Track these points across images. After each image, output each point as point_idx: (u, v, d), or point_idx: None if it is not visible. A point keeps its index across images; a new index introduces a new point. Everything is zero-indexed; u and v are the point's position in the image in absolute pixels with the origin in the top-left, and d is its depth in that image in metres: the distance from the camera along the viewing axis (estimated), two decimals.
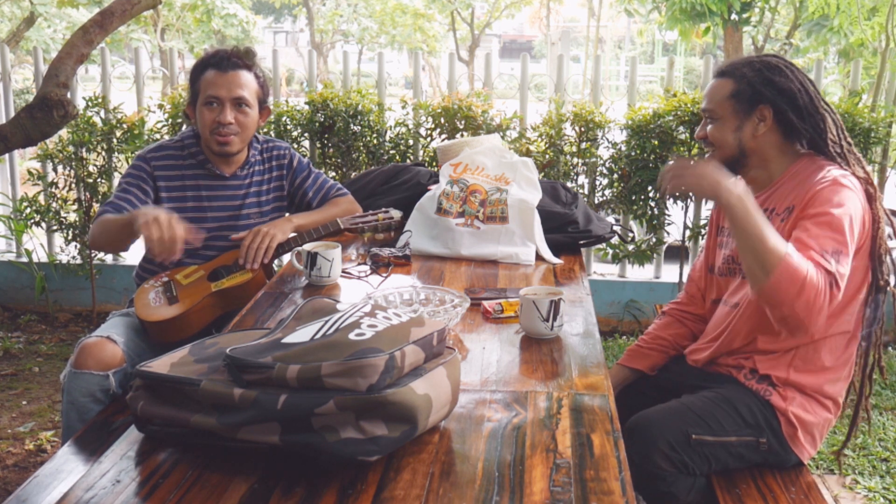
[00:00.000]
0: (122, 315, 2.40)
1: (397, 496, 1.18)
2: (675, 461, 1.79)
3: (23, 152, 6.51)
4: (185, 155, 2.45)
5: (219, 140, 2.36)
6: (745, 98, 1.93)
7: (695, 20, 9.94)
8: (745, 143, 1.95)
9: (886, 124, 3.78)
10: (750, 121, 1.94)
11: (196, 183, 2.44)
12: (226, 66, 2.36)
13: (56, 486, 1.72)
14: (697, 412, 1.85)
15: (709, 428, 1.83)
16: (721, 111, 1.96)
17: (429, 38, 16.47)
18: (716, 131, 1.98)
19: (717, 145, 1.98)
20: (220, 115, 2.34)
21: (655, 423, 1.82)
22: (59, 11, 11.26)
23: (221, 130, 2.35)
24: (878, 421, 3.17)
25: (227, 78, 2.34)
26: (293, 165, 2.57)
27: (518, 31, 33.38)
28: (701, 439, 1.81)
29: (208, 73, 2.36)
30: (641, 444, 1.79)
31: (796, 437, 1.88)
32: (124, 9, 3.00)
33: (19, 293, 4.42)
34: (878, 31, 5.88)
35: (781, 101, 1.90)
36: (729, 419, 1.85)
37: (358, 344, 1.25)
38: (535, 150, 3.88)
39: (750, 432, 1.85)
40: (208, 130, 2.36)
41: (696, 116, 3.72)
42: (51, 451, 2.91)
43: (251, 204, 2.50)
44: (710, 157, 1.99)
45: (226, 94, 2.34)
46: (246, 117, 2.38)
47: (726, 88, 1.96)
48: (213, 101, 2.35)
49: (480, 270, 2.32)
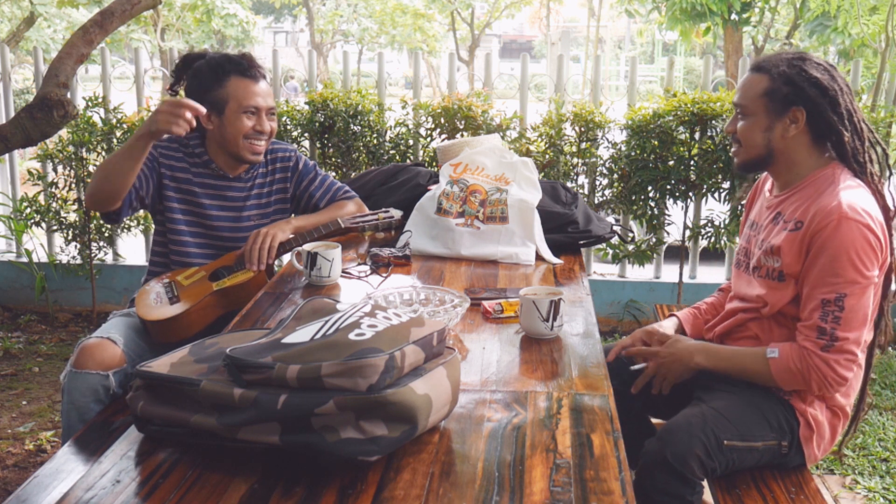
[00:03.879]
0: (122, 315, 2.40)
1: (397, 496, 1.18)
2: (706, 466, 1.77)
3: (23, 152, 6.52)
4: (190, 153, 2.45)
5: (255, 149, 2.41)
6: (779, 98, 1.85)
7: (695, 20, 9.96)
8: (773, 143, 1.88)
9: (886, 124, 3.78)
10: (781, 122, 1.86)
11: (201, 181, 2.45)
12: (255, 74, 2.40)
13: (56, 486, 1.72)
14: (729, 418, 1.82)
15: (739, 434, 1.81)
16: (753, 108, 1.89)
17: (429, 38, 16.48)
18: (745, 129, 1.90)
19: (745, 143, 1.92)
20: (258, 123, 2.39)
21: (692, 428, 1.79)
22: (59, 11, 11.26)
23: (258, 139, 2.40)
24: (878, 421, 3.17)
25: (261, 88, 2.40)
26: (298, 168, 2.56)
27: (518, 31, 33.40)
28: (732, 445, 1.80)
29: (237, 80, 2.37)
30: (677, 445, 1.76)
31: (811, 439, 1.88)
32: (124, 9, 3.00)
33: (19, 293, 4.42)
34: (879, 30, 5.88)
35: (816, 106, 1.83)
36: (757, 425, 1.84)
37: (358, 344, 1.25)
38: (535, 150, 3.88)
39: (774, 436, 1.85)
40: (243, 137, 2.38)
41: (696, 116, 3.72)
42: (51, 451, 2.91)
43: (253, 206, 2.50)
44: (735, 154, 1.96)
45: (263, 103, 2.40)
46: (274, 123, 2.45)
47: (761, 85, 1.87)
48: (252, 111, 2.38)
49: (480, 270, 2.32)
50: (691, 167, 3.81)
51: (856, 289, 1.75)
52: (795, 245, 1.81)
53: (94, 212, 2.36)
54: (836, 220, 1.74)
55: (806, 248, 1.79)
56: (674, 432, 1.79)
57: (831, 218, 1.74)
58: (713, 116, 3.72)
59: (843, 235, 1.73)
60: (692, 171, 3.82)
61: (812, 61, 1.87)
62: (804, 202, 1.84)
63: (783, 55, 1.89)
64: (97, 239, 4.16)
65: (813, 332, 1.78)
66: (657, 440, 1.80)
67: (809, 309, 1.79)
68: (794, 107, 1.84)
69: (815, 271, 1.77)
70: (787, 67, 1.85)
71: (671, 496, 1.75)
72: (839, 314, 1.75)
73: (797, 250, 1.80)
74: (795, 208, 1.86)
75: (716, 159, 3.75)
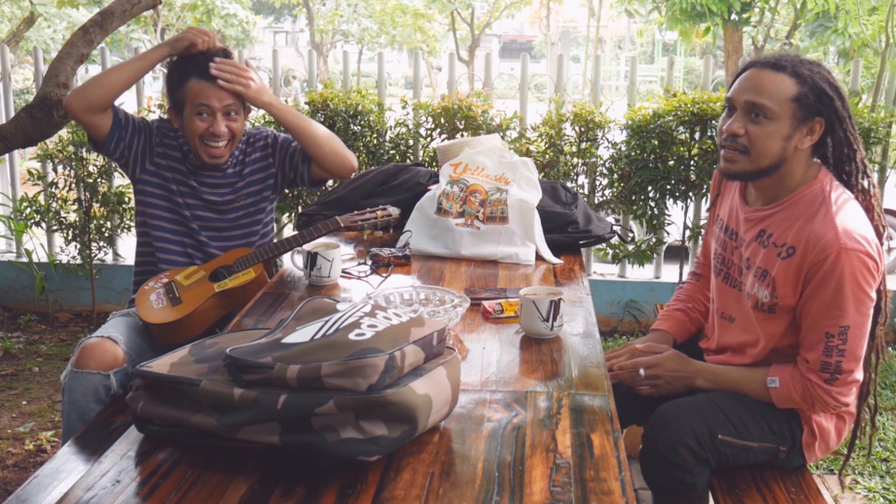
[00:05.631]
0: (122, 315, 2.40)
1: (397, 496, 1.18)
2: (698, 456, 1.77)
3: (23, 152, 6.51)
4: (180, 144, 2.46)
5: (211, 152, 2.37)
6: (808, 105, 1.69)
7: (695, 20, 9.95)
8: (786, 154, 1.72)
9: (886, 124, 3.78)
10: (799, 131, 1.71)
11: (181, 168, 2.44)
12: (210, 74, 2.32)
13: (56, 486, 1.72)
14: (727, 413, 1.81)
15: (735, 431, 1.80)
16: (779, 112, 1.69)
17: (429, 38, 16.47)
18: (764, 134, 1.70)
19: (756, 150, 1.72)
20: (212, 125, 2.34)
21: (684, 416, 1.78)
22: (59, 11, 11.25)
23: (213, 141, 2.35)
24: (878, 421, 3.17)
25: (215, 87, 2.32)
26: (278, 141, 2.52)
27: (518, 31, 33.39)
28: (726, 440, 1.79)
29: (193, 82, 2.33)
30: (669, 435, 1.75)
31: (813, 446, 1.88)
32: (124, 9, 3.00)
33: (19, 293, 4.42)
34: (878, 30, 5.88)
35: (838, 120, 1.71)
36: (756, 426, 1.82)
37: (358, 344, 1.25)
38: (535, 150, 3.88)
39: (773, 440, 1.84)
40: (198, 139, 2.35)
41: (696, 116, 3.72)
42: (51, 451, 2.91)
43: (235, 190, 2.48)
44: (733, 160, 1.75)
45: (217, 103, 2.33)
46: (235, 123, 2.38)
47: (790, 88, 1.69)
48: (203, 111, 2.33)
49: (480, 270, 2.32)
50: (691, 167, 3.81)
51: (858, 319, 1.70)
52: (791, 275, 1.73)
53: (80, 120, 2.34)
54: (836, 253, 1.65)
55: (803, 280, 1.72)
56: (665, 420, 1.79)
57: (830, 251, 1.65)
58: (713, 116, 3.72)
59: (843, 268, 1.65)
60: (692, 171, 3.82)
61: (825, 68, 1.75)
62: (793, 223, 1.74)
63: (796, 56, 1.75)
64: (97, 239, 4.16)
65: (817, 366, 1.75)
66: (650, 427, 1.80)
67: (812, 342, 1.75)
68: (819, 117, 1.71)
69: (817, 306, 1.71)
70: (809, 72, 1.71)
71: (671, 481, 1.77)
72: (843, 347, 1.71)
73: (793, 281, 1.74)
74: (784, 230, 1.75)
75: (716, 159, 3.75)
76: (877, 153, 3.89)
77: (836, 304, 1.68)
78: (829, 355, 1.72)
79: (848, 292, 1.67)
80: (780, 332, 1.82)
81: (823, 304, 1.70)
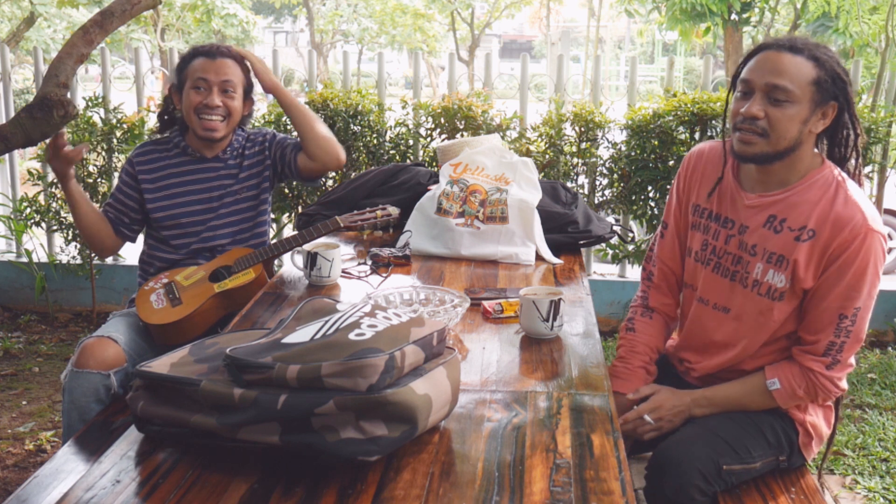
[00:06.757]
0: (122, 315, 2.40)
1: (397, 496, 1.18)
2: (707, 492, 1.73)
3: (23, 152, 6.51)
4: (170, 147, 2.52)
5: (205, 125, 2.41)
6: (825, 89, 1.69)
7: (695, 20, 9.96)
8: (802, 137, 1.72)
9: (886, 124, 3.78)
10: (815, 115, 1.71)
11: (178, 169, 2.49)
12: (214, 54, 2.44)
13: (56, 486, 1.72)
14: (726, 439, 1.78)
15: (738, 457, 1.78)
16: (801, 95, 1.68)
17: (429, 38, 16.45)
18: (785, 117, 1.69)
19: (775, 133, 1.70)
20: (207, 97, 2.40)
21: (687, 456, 1.73)
22: (59, 11, 11.26)
23: (208, 113, 2.40)
24: (878, 421, 3.17)
25: (215, 64, 2.42)
26: (276, 138, 2.58)
27: (518, 31, 33.38)
28: (731, 469, 1.76)
29: (196, 61, 2.44)
30: (675, 479, 1.70)
31: (810, 445, 1.88)
32: (124, 9, 2.99)
33: (19, 293, 4.42)
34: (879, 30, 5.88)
35: (848, 103, 1.73)
36: (756, 444, 1.81)
37: (358, 344, 1.25)
38: (535, 150, 3.88)
39: (773, 452, 1.83)
40: (194, 112, 2.41)
41: (696, 116, 3.72)
42: (51, 451, 2.91)
43: (230, 184, 2.50)
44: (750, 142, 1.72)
45: (214, 77, 2.41)
46: (232, 101, 2.44)
47: (811, 72, 1.68)
48: (200, 85, 2.41)
49: (480, 270, 2.32)
50: None
51: (868, 302, 1.73)
52: (814, 258, 1.73)
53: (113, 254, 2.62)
54: (864, 234, 1.68)
55: (825, 262, 1.72)
56: (670, 462, 1.73)
57: (858, 233, 1.68)
58: (713, 116, 3.72)
59: (868, 250, 1.68)
60: None
61: (833, 51, 1.75)
62: (811, 206, 1.74)
63: (808, 39, 1.74)
64: None
65: (820, 349, 1.75)
66: (654, 468, 1.76)
67: (823, 323, 1.74)
68: (833, 101, 1.71)
69: (838, 288, 1.71)
70: (826, 56, 1.70)
71: None
72: (852, 327, 1.73)
73: (815, 263, 1.73)
74: (799, 213, 1.74)
75: None
76: (877, 153, 3.89)
77: (855, 286, 1.71)
78: (838, 335, 1.74)
79: (869, 275, 1.71)
80: (783, 319, 1.81)
81: (844, 286, 1.72)
